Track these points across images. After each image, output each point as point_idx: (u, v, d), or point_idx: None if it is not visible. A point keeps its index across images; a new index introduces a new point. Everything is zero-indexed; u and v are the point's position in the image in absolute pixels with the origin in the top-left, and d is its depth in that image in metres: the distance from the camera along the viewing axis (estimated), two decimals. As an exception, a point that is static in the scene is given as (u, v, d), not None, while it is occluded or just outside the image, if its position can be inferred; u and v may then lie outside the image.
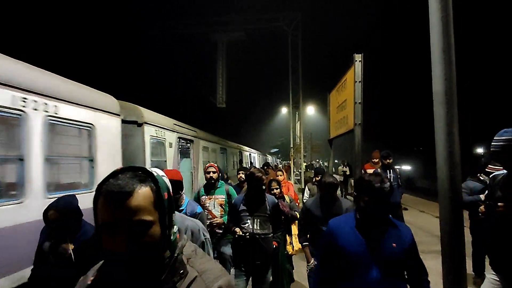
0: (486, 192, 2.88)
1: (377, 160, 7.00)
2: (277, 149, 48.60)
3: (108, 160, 4.16)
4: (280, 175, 5.38)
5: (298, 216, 3.81)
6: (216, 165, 3.90)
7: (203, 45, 16.98)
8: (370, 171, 7.11)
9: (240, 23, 14.89)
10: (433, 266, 4.05)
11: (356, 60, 4.87)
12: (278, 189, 3.95)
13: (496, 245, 2.61)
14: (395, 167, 7.63)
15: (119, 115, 4.64)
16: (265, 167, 6.86)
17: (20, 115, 2.89)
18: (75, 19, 18.76)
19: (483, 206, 3.31)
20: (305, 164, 16.16)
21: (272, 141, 50.59)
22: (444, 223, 1.80)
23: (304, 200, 5.29)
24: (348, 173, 12.16)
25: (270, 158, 39.64)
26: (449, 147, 1.75)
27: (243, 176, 5.59)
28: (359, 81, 4.83)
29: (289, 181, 5.47)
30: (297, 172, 17.91)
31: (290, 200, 4.28)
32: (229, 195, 3.90)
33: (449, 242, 1.78)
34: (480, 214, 3.46)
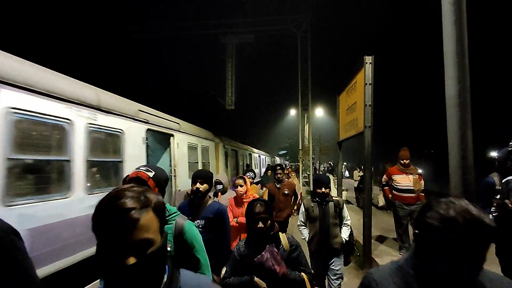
0: (498, 196, 2.80)
1: (407, 161, 5.22)
2: (286, 151, 48.51)
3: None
4: (241, 185, 3.63)
5: (306, 279, 1.98)
6: None
7: (212, 47, 17.13)
8: (399, 178, 5.20)
9: (249, 25, 14.97)
10: (445, 270, 4.01)
11: (366, 62, 4.85)
12: (268, 221, 1.99)
13: (508, 250, 2.56)
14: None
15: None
16: (278, 168, 5.19)
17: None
18: (89, 20, 19.16)
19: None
20: (314, 166, 16.10)
21: (281, 142, 50.53)
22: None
23: (300, 228, 3.48)
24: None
25: (278, 160, 39.60)
26: (462, 150, 1.74)
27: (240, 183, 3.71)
28: (369, 84, 4.81)
29: (254, 195, 3.65)
30: (305, 174, 17.87)
31: (291, 245, 2.06)
32: (179, 237, 1.76)
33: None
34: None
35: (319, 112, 19.51)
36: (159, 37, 15.93)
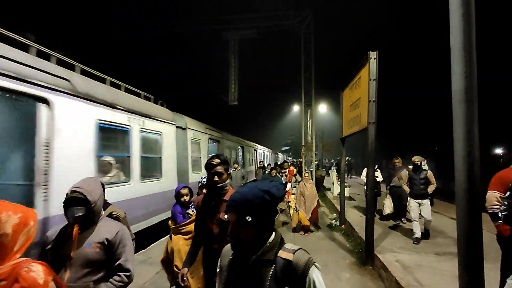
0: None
1: None
2: (288, 147, 48.51)
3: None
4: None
5: None
6: None
7: (215, 43, 17.05)
8: None
9: (251, 21, 14.87)
10: (448, 268, 3.99)
11: (371, 58, 4.80)
12: None
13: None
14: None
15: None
16: (216, 164, 2.14)
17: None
18: (88, 17, 19.14)
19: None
20: (316, 162, 16.06)
21: (283, 139, 50.53)
22: (461, 225, 1.77)
23: None
24: (379, 178, 8.19)
25: (281, 156, 39.60)
26: (468, 146, 1.71)
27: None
28: (374, 79, 4.77)
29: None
30: (308, 171, 17.84)
31: None
32: None
33: (466, 244, 1.75)
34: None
35: (323, 108, 19.41)
36: (160, 34, 15.87)
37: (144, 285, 3.97)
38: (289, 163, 12.55)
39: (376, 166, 8.96)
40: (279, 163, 17.84)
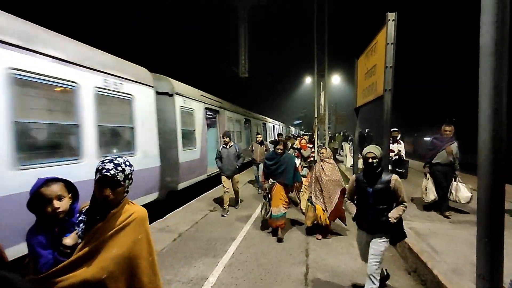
0: None
1: None
2: (300, 121, 48.06)
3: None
4: None
5: None
6: None
7: (224, 12, 16.46)
8: None
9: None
10: (464, 236, 3.97)
11: (389, 20, 4.51)
12: None
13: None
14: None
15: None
16: None
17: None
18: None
19: None
20: (329, 135, 15.87)
21: (296, 112, 50.00)
22: (483, 185, 1.69)
23: None
24: (402, 151, 7.66)
25: (293, 130, 39.37)
26: (495, 103, 1.59)
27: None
28: (391, 43, 4.51)
29: None
30: (320, 144, 17.68)
31: None
32: None
33: (487, 205, 1.67)
34: None
35: (336, 80, 18.85)
36: (168, 4, 15.43)
37: (162, 252, 4.14)
38: (301, 135, 12.27)
39: (399, 136, 7.70)
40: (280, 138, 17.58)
